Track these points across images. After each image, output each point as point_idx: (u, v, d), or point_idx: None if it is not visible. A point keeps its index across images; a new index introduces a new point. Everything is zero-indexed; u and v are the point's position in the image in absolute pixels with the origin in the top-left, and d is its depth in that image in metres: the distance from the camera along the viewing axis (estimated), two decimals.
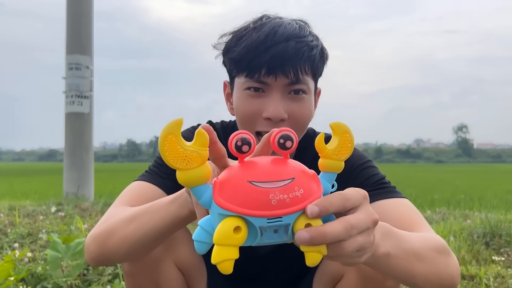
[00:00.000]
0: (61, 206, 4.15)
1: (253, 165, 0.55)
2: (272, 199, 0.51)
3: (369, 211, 0.58)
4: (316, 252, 0.53)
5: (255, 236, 0.52)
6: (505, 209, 4.57)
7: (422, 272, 0.74)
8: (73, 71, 5.47)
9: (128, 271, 0.96)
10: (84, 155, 5.55)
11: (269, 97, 0.91)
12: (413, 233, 0.79)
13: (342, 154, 0.58)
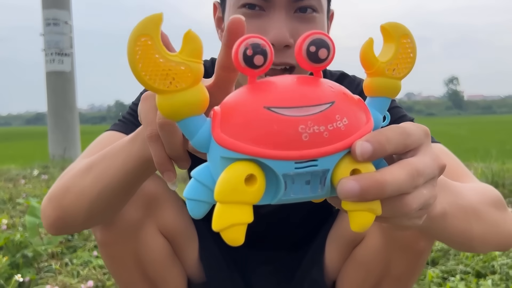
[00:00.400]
0: (47, 169, 4.01)
1: (272, 85, 0.37)
2: (303, 133, 0.34)
3: (434, 154, 0.40)
4: (368, 211, 0.35)
5: (276, 189, 0.36)
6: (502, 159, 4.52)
7: (480, 233, 0.59)
8: (51, 27, 5.17)
9: (101, 241, 0.80)
10: (69, 115, 5.34)
11: (270, 17, 0.73)
12: (467, 185, 0.63)
13: (402, 68, 0.39)
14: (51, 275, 1.57)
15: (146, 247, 0.82)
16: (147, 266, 0.84)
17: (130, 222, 0.78)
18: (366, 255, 0.80)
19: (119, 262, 0.84)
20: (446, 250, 1.73)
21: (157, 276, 0.86)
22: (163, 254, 0.85)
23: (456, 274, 1.55)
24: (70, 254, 1.77)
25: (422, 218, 0.42)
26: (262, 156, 0.33)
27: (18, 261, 1.65)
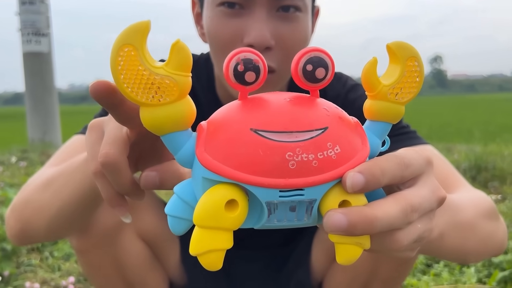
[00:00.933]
0: (26, 153, 3.90)
1: (262, 105, 0.34)
2: (290, 160, 0.32)
3: (434, 185, 0.37)
4: (355, 244, 0.33)
5: (260, 215, 0.34)
6: (485, 140, 4.57)
7: (475, 247, 0.59)
8: (26, 6, 4.95)
9: (78, 248, 0.77)
10: (47, 98, 5.17)
11: (251, 16, 0.68)
12: (463, 197, 0.61)
13: (405, 94, 0.36)
14: (31, 270, 1.53)
15: (125, 252, 0.79)
16: (127, 271, 0.81)
17: (107, 228, 0.75)
18: None
19: (97, 269, 0.81)
20: None
21: (138, 281, 0.83)
22: (143, 258, 0.82)
23: (440, 261, 1.56)
24: (51, 246, 1.73)
25: (415, 250, 0.39)
26: (245, 182, 0.32)
27: None
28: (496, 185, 2.58)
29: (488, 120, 9.32)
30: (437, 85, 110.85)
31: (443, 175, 0.70)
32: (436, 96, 64.50)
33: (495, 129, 6.72)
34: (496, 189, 2.50)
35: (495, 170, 2.79)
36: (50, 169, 0.69)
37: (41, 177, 0.67)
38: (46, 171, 0.69)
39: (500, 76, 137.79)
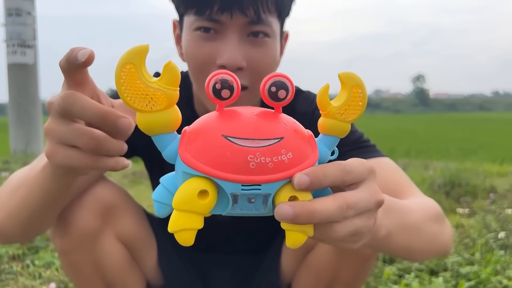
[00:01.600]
0: (8, 164, 3.88)
1: (234, 116, 0.43)
2: (251, 161, 0.40)
3: (373, 190, 0.45)
4: (300, 232, 0.42)
5: (226, 204, 0.42)
6: (462, 158, 4.71)
7: (421, 246, 0.66)
8: (13, 18, 4.99)
9: (61, 249, 0.82)
10: (31, 109, 5.18)
11: (224, 40, 0.76)
12: (411, 203, 0.69)
13: (350, 114, 0.44)
14: (11, 277, 1.55)
15: (105, 254, 0.84)
16: (106, 272, 0.86)
17: (88, 231, 0.80)
18: (318, 260, 0.85)
19: (78, 270, 0.85)
20: None
21: (117, 281, 0.88)
22: (122, 260, 0.87)
23: (411, 271, 1.62)
24: (32, 255, 1.74)
25: (358, 243, 0.46)
26: (214, 176, 0.40)
27: None
28: (468, 200, 2.67)
29: (466, 138, 9.54)
30: (420, 103, 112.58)
31: (397, 183, 0.78)
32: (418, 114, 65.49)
33: (472, 147, 6.89)
34: (467, 204, 2.60)
35: (468, 186, 2.89)
36: (15, 175, 0.73)
37: (9, 184, 0.71)
38: (13, 177, 0.73)
39: (481, 96, 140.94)
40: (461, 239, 1.94)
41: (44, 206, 0.66)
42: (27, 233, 0.74)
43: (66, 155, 0.48)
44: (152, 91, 0.40)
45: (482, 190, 2.89)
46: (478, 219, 2.22)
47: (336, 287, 0.87)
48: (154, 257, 0.93)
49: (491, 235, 1.93)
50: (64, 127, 0.47)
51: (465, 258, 1.72)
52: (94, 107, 0.46)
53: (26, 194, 0.65)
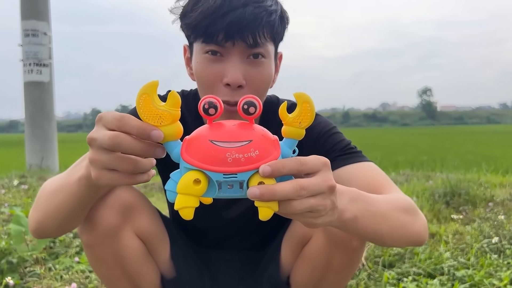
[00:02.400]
0: (25, 178, 4.03)
1: (218, 127, 0.60)
2: (228, 157, 0.57)
3: (326, 177, 0.60)
4: (268, 207, 0.58)
5: (214, 190, 0.59)
6: (465, 169, 4.77)
7: (389, 232, 0.79)
8: (29, 38, 5.20)
9: (86, 243, 0.96)
10: (46, 125, 5.37)
11: (228, 62, 0.90)
12: (380, 196, 0.82)
13: (303, 122, 0.60)
14: (35, 280, 1.67)
15: (124, 247, 0.97)
16: (126, 264, 0.99)
17: (110, 227, 0.93)
18: (313, 252, 0.97)
19: (102, 261, 0.99)
20: (402, 254, 1.90)
21: (134, 272, 1.01)
22: (139, 253, 1.00)
23: (409, 275, 1.71)
24: (52, 260, 1.87)
25: (318, 219, 0.61)
26: (204, 169, 0.57)
27: (3, 267, 1.74)
28: (467, 209, 2.75)
29: (471, 151, 9.57)
30: (427, 116, 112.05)
31: (376, 181, 0.92)
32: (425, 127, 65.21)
33: (476, 159, 6.94)
34: (466, 213, 2.68)
35: (468, 196, 2.97)
36: (53, 180, 0.89)
37: (48, 187, 0.87)
38: (51, 182, 0.89)
39: (488, 109, 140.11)
40: (458, 245, 2.03)
41: (78, 210, 0.84)
42: (61, 230, 0.90)
43: (109, 178, 0.62)
44: (161, 112, 0.58)
45: (482, 199, 2.97)
46: (475, 226, 2.31)
47: (329, 275, 0.99)
48: (167, 252, 1.06)
49: (486, 240, 2.02)
50: (106, 156, 0.61)
51: (461, 262, 1.81)
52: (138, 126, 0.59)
53: (63, 199, 0.81)
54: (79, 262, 1.81)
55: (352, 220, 0.69)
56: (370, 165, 0.97)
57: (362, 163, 0.96)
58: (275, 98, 1.09)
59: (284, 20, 0.95)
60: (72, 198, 0.80)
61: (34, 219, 0.87)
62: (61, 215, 0.83)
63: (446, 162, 6.32)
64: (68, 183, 0.80)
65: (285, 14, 0.95)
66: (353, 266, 1.00)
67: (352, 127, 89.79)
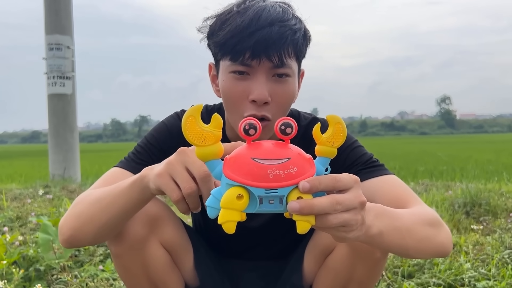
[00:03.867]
0: (48, 188, 4.13)
1: (258, 146, 0.64)
2: (270, 174, 0.61)
3: (358, 194, 0.64)
4: (306, 221, 0.62)
5: (255, 204, 0.62)
6: (485, 179, 4.70)
7: (414, 245, 0.81)
8: (53, 52, 5.36)
9: (115, 253, 0.99)
10: (69, 136, 5.50)
11: (254, 80, 0.94)
12: (404, 210, 0.85)
13: (335, 142, 0.65)
14: (62, 287, 1.72)
15: (151, 257, 1.00)
16: (152, 273, 1.03)
17: (137, 238, 0.97)
18: (336, 263, 0.99)
19: (129, 270, 1.03)
20: (421, 265, 1.89)
21: (160, 281, 1.05)
22: (164, 263, 1.04)
23: (429, 286, 1.71)
24: (77, 268, 1.92)
25: (350, 233, 0.65)
26: (247, 184, 0.61)
27: (31, 275, 1.80)
28: (488, 220, 2.73)
29: (491, 160, 9.39)
30: (446, 125, 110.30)
31: (400, 195, 0.95)
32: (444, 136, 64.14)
33: (497, 168, 6.82)
34: (487, 223, 2.65)
35: (489, 206, 2.94)
36: (96, 190, 0.93)
37: (90, 196, 0.91)
38: (94, 192, 0.93)
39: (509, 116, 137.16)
40: (478, 256, 2.01)
41: (122, 215, 0.88)
42: (98, 238, 0.93)
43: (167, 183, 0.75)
44: (205, 132, 0.63)
45: (503, 210, 2.93)
46: (496, 237, 2.29)
47: (351, 286, 1.01)
48: (191, 261, 1.09)
49: (507, 251, 2.00)
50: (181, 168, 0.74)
51: (482, 273, 1.79)
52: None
53: (111, 201, 0.86)
54: (103, 270, 1.85)
55: (378, 236, 0.73)
56: (393, 178, 1.00)
57: (385, 176, 0.99)
58: (295, 112, 1.13)
59: (307, 38, 0.98)
60: (121, 200, 0.85)
61: (69, 227, 0.90)
62: (105, 218, 0.88)
63: (466, 172, 6.24)
64: (116, 190, 0.86)
65: (308, 33, 0.99)
66: (375, 277, 1.01)
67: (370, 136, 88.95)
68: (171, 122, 1.09)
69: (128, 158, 1.06)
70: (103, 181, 1.00)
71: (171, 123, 1.09)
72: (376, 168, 1.01)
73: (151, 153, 1.05)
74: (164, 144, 1.06)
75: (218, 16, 0.96)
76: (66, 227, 0.90)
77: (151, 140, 1.07)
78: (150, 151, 1.06)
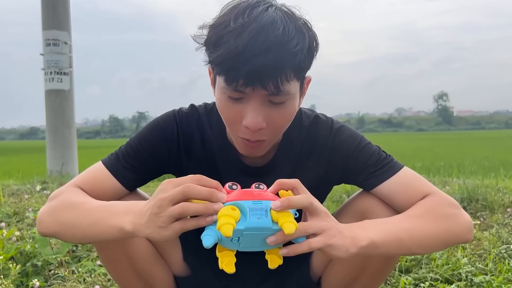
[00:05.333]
0: (46, 184, 4.13)
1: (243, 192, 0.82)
2: (254, 192, 0.80)
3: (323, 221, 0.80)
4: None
5: (246, 217, 0.75)
6: (482, 175, 4.71)
7: (416, 243, 0.84)
8: (50, 47, 5.33)
9: (98, 246, 1.01)
10: (67, 132, 5.49)
11: (248, 105, 0.87)
12: (401, 215, 0.88)
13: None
14: (59, 282, 1.72)
15: (134, 249, 1.01)
16: (137, 264, 1.04)
17: None
18: None
19: (114, 263, 1.04)
20: (418, 260, 1.90)
21: (146, 272, 1.06)
22: (149, 254, 1.05)
23: (426, 281, 1.71)
24: (75, 263, 1.92)
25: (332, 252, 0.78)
26: (238, 200, 0.78)
27: (28, 270, 1.80)
28: (485, 215, 2.73)
29: (488, 156, 9.41)
30: (444, 121, 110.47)
31: (417, 189, 0.95)
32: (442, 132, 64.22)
33: (494, 164, 6.84)
34: (484, 218, 2.66)
35: (486, 201, 2.95)
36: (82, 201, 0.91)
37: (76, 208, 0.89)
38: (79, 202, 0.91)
39: (506, 113, 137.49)
40: (476, 251, 2.02)
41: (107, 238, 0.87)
42: (78, 243, 0.98)
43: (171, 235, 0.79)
44: None
45: (500, 205, 2.94)
46: (493, 232, 2.29)
47: (363, 278, 1.01)
48: (178, 253, 1.10)
49: (504, 246, 2.01)
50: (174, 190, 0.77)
51: (479, 268, 1.80)
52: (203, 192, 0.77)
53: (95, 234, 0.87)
54: (100, 265, 1.85)
55: (372, 245, 0.76)
56: (405, 173, 0.98)
57: (398, 175, 0.97)
58: (297, 111, 1.09)
59: (312, 52, 0.89)
60: (105, 237, 0.85)
61: (49, 229, 0.90)
62: (85, 240, 0.91)
63: (463, 168, 6.26)
64: (105, 224, 0.84)
65: (314, 43, 0.89)
66: (387, 270, 1.02)
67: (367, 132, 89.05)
68: (167, 123, 1.03)
69: (116, 156, 1.02)
70: (84, 179, 0.99)
71: (167, 124, 1.03)
72: (387, 167, 0.98)
73: (141, 158, 1.01)
74: (156, 147, 1.01)
75: (213, 29, 0.86)
76: (45, 227, 0.91)
77: (142, 141, 1.02)
78: (141, 155, 1.01)
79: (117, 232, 0.82)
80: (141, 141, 1.01)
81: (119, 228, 0.82)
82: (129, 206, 0.83)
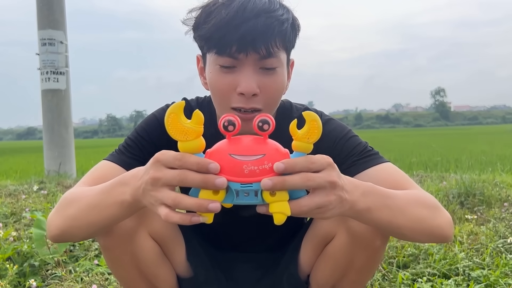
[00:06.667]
0: (43, 184, 4.12)
1: (236, 142, 0.68)
2: (245, 169, 0.66)
3: (330, 174, 0.67)
4: (281, 213, 0.67)
5: (232, 197, 0.67)
6: (479, 170, 4.73)
7: (406, 224, 0.82)
8: (46, 47, 5.31)
9: (104, 246, 0.99)
10: (64, 132, 5.47)
11: (242, 72, 0.92)
12: (398, 191, 0.84)
13: (310, 138, 0.68)
14: (57, 282, 1.72)
15: (140, 248, 1.00)
16: (142, 265, 1.02)
17: (126, 229, 0.95)
18: (335, 251, 0.99)
19: (119, 263, 1.02)
20: (416, 255, 1.90)
21: (150, 273, 1.04)
22: (154, 254, 1.03)
23: (424, 276, 1.71)
24: (72, 263, 1.92)
25: (326, 213, 0.69)
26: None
27: (25, 270, 1.80)
28: (482, 210, 2.74)
29: (485, 151, 9.43)
30: (441, 117, 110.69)
31: (398, 181, 0.94)
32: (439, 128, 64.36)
33: (491, 159, 6.86)
34: (481, 213, 2.67)
35: (483, 196, 2.96)
36: (87, 192, 0.88)
37: (81, 200, 0.86)
38: (84, 193, 0.88)
39: (503, 108, 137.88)
40: (473, 245, 2.02)
41: (110, 225, 0.88)
42: (86, 238, 0.94)
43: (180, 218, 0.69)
44: (186, 128, 0.65)
45: (497, 200, 2.95)
46: (490, 226, 2.30)
47: (350, 274, 1.01)
48: (182, 253, 1.09)
49: (501, 240, 2.01)
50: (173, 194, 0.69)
51: (476, 262, 1.80)
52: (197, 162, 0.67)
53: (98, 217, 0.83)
54: (98, 264, 1.85)
55: (365, 211, 0.75)
56: (389, 166, 0.99)
57: (381, 165, 0.98)
58: (288, 103, 1.11)
59: (296, 28, 0.96)
60: (109, 217, 0.82)
61: (57, 227, 0.87)
62: (91, 229, 0.86)
63: (461, 163, 6.27)
64: (106, 203, 0.81)
65: (296, 22, 0.97)
66: (374, 265, 1.02)
67: (365, 129, 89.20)
68: (162, 114, 1.07)
69: (118, 151, 1.04)
70: (91, 177, 0.98)
71: (162, 115, 1.06)
72: (371, 157, 1.00)
73: (142, 147, 1.04)
74: (155, 138, 1.04)
75: (202, 8, 0.94)
76: (55, 226, 0.88)
77: (142, 133, 1.06)
78: (141, 144, 1.04)
79: (119, 207, 0.79)
80: (140, 133, 1.06)
81: (120, 203, 0.78)
82: (123, 179, 0.79)
